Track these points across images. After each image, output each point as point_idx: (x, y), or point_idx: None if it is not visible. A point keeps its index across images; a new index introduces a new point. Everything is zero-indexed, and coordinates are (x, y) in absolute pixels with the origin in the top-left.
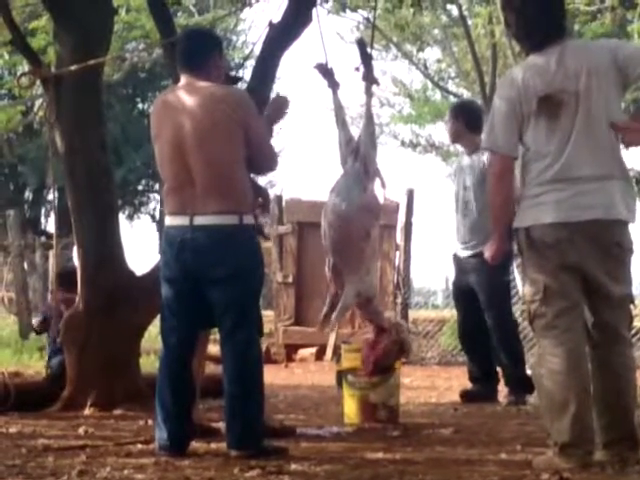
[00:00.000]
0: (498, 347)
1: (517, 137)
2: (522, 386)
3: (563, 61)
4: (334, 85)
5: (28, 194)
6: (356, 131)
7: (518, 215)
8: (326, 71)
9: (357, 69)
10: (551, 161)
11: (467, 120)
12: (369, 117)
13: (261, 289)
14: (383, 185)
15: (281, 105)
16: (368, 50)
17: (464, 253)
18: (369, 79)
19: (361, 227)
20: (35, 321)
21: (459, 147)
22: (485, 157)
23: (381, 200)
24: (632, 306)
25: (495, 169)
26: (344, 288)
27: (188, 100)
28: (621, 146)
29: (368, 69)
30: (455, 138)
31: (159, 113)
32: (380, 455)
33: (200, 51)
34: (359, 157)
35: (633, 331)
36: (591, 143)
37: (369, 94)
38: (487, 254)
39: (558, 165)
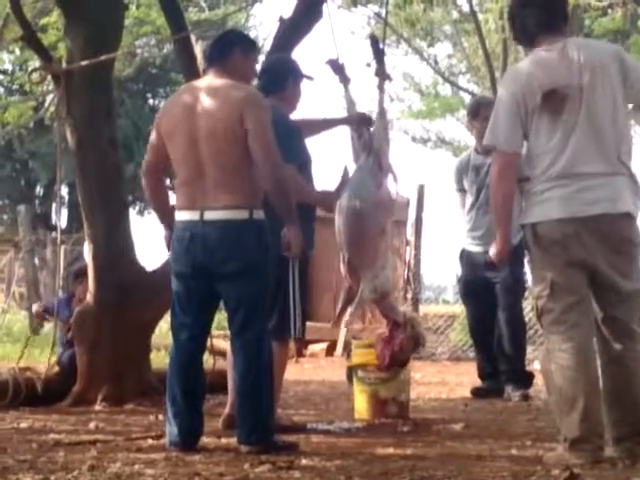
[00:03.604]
0: (508, 341)
1: (521, 134)
2: (528, 380)
3: (567, 56)
4: (345, 81)
5: (39, 190)
6: None
7: (524, 211)
8: (337, 67)
9: (369, 65)
10: (555, 157)
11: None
12: (382, 112)
13: (271, 285)
14: (395, 180)
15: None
16: (380, 46)
17: (481, 248)
18: (381, 75)
19: (376, 223)
20: (35, 308)
21: (469, 142)
22: None
23: (394, 195)
24: None
25: (497, 166)
26: (360, 284)
27: (202, 97)
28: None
29: (380, 65)
30: (479, 137)
31: (175, 110)
32: (390, 450)
33: (220, 48)
34: (372, 153)
35: None
36: (595, 139)
37: (381, 90)
38: (492, 253)
39: (562, 161)
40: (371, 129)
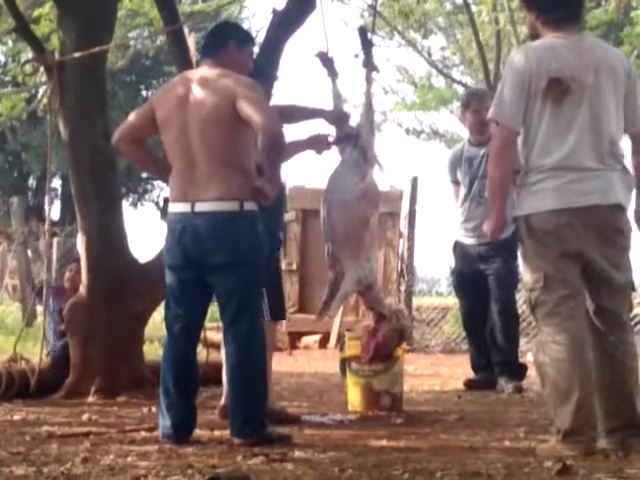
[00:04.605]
0: (501, 333)
1: (523, 112)
2: (520, 372)
3: (579, 50)
4: (334, 74)
5: (32, 182)
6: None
7: (517, 203)
8: (326, 59)
9: (357, 56)
10: (552, 148)
11: (472, 108)
12: (369, 104)
13: (263, 276)
14: (381, 172)
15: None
16: (369, 37)
17: (474, 240)
18: (369, 66)
19: (360, 214)
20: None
21: (462, 135)
22: None
23: (380, 187)
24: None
25: (498, 141)
26: (344, 275)
27: (194, 87)
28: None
29: (368, 56)
30: (470, 129)
31: (168, 101)
32: (384, 442)
33: (214, 40)
34: (358, 144)
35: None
36: (594, 136)
37: (369, 81)
38: (486, 229)
39: (559, 153)
40: (350, 124)
